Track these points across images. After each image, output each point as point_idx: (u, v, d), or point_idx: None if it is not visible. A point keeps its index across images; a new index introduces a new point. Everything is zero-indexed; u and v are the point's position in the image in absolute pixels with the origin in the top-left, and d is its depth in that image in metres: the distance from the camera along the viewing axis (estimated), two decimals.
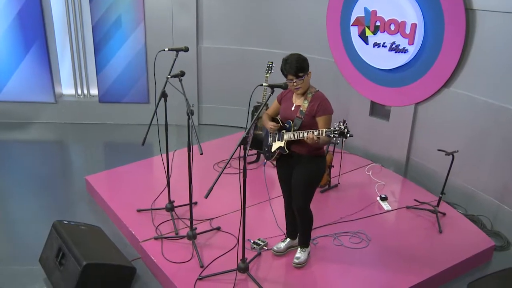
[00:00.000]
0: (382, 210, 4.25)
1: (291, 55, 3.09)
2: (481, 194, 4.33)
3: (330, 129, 2.83)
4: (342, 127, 2.78)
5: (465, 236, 3.92)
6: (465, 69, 4.29)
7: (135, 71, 6.24)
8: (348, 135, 2.78)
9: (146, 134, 3.77)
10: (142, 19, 5.99)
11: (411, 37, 4.49)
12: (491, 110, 4.13)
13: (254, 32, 5.99)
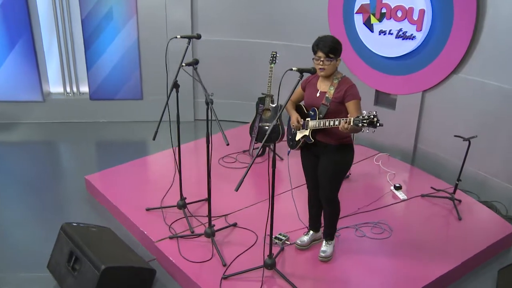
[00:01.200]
0: (397, 199, 4.17)
1: (327, 35, 2.97)
2: (494, 180, 4.30)
3: (358, 118, 2.69)
4: (372, 116, 2.65)
5: (484, 222, 3.88)
6: (476, 54, 4.25)
7: (127, 66, 6.00)
8: (378, 125, 2.65)
9: (157, 128, 3.57)
10: (135, 11, 5.76)
11: (419, 23, 4.42)
12: (504, 94, 4.09)
13: (251, 24, 5.83)
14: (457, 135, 3.92)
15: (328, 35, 3.00)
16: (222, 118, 6.48)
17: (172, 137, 5.99)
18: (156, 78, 6.09)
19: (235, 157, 4.98)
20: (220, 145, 3.58)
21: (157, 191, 4.19)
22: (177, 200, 3.93)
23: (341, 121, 2.78)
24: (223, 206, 3.96)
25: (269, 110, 4.87)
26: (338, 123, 2.80)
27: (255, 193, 4.22)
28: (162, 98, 6.09)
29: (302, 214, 3.71)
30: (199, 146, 5.32)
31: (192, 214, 3.85)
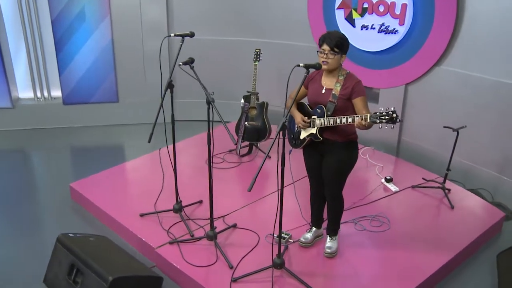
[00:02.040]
0: (390, 192, 4.22)
1: (335, 30, 2.96)
2: (479, 168, 4.43)
3: (376, 115, 2.69)
4: (390, 112, 2.65)
5: (475, 209, 3.99)
6: (457, 47, 4.36)
7: (102, 68, 5.78)
8: (397, 121, 2.65)
9: (152, 130, 3.45)
10: (108, 11, 5.56)
11: (402, 18, 4.50)
12: (486, 85, 4.22)
13: (229, 21, 5.75)
14: (446, 126, 4.01)
15: (336, 31, 3.00)
16: (198, 118, 6.38)
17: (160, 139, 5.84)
18: (132, 79, 5.93)
19: (222, 157, 4.91)
20: (204, 146, 3.52)
21: (147, 195, 4.07)
22: (170, 204, 3.81)
23: (355, 118, 2.76)
24: (219, 208, 3.87)
25: (254, 108, 4.83)
26: (352, 120, 2.79)
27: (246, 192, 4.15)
28: (139, 100, 5.98)
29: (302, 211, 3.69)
30: (184, 147, 5.20)
31: (189, 217, 3.75)
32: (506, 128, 4.17)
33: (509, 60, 4.04)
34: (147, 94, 5.99)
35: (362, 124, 2.72)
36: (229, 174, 4.62)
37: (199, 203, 3.99)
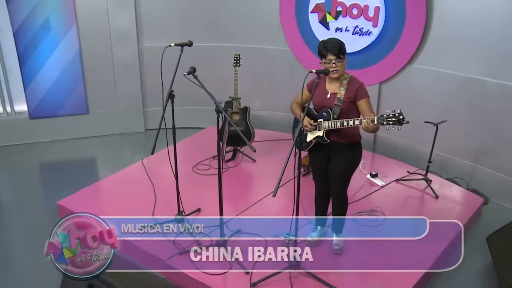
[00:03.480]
0: (377, 187, 4.41)
1: (331, 38, 3.05)
2: (453, 159, 4.74)
3: (383, 117, 2.83)
4: (397, 114, 2.80)
5: (456, 197, 4.27)
6: (428, 46, 4.63)
7: (70, 80, 5.58)
8: (404, 122, 2.81)
9: (155, 142, 3.39)
10: (74, 20, 5.37)
11: (375, 20, 4.72)
12: (456, 81, 4.52)
13: (200, 28, 5.73)
14: (427, 121, 4.26)
15: (331, 38, 3.10)
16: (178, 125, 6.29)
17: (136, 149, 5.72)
18: (102, 90, 5.77)
19: (208, 163, 4.90)
20: (187, 153, 3.54)
21: (141, 207, 4.00)
22: (167, 214, 3.74)
23: (362, 121, 2.89)
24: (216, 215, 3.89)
25: (237, 113, 4.87)
26: (359, 122, 2.91)
27: (240, 197, 4.22)
28: (110, 110, 5.82)
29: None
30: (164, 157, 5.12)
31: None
32: (477, 120, 4.49)
33: (477, 57, 4.36)
34: (118, 104, 5.86)
35: (370, 126, 2.85)
36: (214, 181, 4.61)
37: (198, 211, 3.98)
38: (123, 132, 5.99)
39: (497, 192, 4.41)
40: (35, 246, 3.80)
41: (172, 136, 3.69)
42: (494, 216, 4.23)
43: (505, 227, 3.55)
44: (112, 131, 5.92)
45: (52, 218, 4.08)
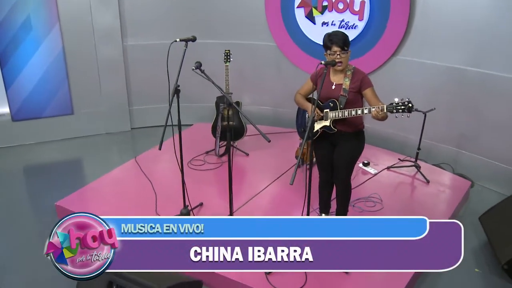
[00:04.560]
0: (370, 175, 4.57)
1: (335, 30, 3.15)
2: (438, 145, 4.96)
3: (392, 105, 2.97)
4: (406, 102, 2.94)
5: (446, 181, 4.48)
6: (411, 38, 4.83)
7: (54, 80, 5.47)
8: (413, 109, 2.95)
9: (162, 137, 3.40)
10: (57, 18, 5.26)
11: (361, 14, 4.87)
12: (439, 71, 4.74)
13: (184, 24, 5.72)
14: (417, 109, 4.43)
15: (336, 30, 3.21)
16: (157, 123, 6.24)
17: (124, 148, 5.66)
18: (87, 89, 5.68)
19: (202, 159, 4.93)
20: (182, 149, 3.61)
21: (142, 205, 4.03)
22: (169, 210, 3.83)
23: (371, 110, 3.01)
24: (221, 208, 3.95)
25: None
26: (368, 111, 3.03)
27: (239, 191, 4.26)
28: (95, 110, 5.74)
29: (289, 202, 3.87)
30: (157, 154, 5.10)
31: None
32: (459, 108, 4.72)
33: (458, 48, 4.58)
34: (103, 103, 5.79)
35: (380, 114, 2.98)
36: (214, 175, 4.67)
37: (200, 205, 4.01)
38: (109, 131, 5.92)
39: (481, 175, 4.65)
40: (31, 249, 3.78)
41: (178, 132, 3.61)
42: (480, 198, 4.47)
43: (495, 207, 3.77)
44: (98, 131, 5.84)
45: (41, 223, 4.08)
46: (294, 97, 3.51)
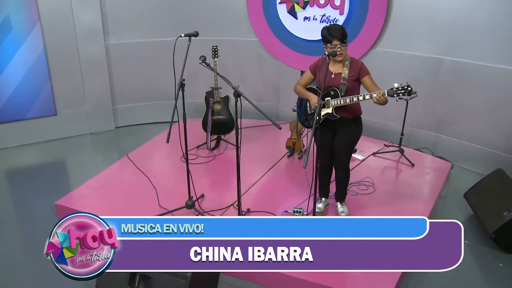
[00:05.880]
0: (358, 161, 4.80)
1: (333, 24, 3.33)
2: (418, 131, 5.25)
3: (393, 90, 3.18)
4: (405, 86, 3.16)
5: (429, 164, 4.77)
6: (389, 30, 5.09)
7: (36, 81, 5.38)
8: (413, 93, 3.16)
9: (170, 130, 3.46)
10: (37, 18, 5.19)
11: (341, 8, 5.09)
12: (417, 60, 5.02)
13: (167, 22, 5.76)
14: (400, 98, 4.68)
15: (334, 24, 3.40)
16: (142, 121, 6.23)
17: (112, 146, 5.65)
18: (70, 90, 5.63)
19: (195, 153, 5.01)
20: (169, 146, 3.70)
21: (144, 200, 4.10)
22: (171, 203, 3.94)
23: (372, 95, 3.21)
24: (223, 199, 4.07)
25: (219, 102, 5.02)
26: (370, 97, 3.23)
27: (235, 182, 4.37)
28: (79, 110, 5.70)
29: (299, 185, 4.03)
30: (150, 150, 5.16)
31: (204, 210, 3.87)
32: (437, 95, 5.02)
33: (434, 39, 4.87)
34: (87, 103, 5.76)
35: (381, 99, 3.19)
36: (209, 168, 4.77)
37: (202, 197, 4.10)
38: (93, 131, 5.88)
39: (459, 157, 4.97)
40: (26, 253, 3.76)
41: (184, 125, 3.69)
42: (459, 177, 4.78)
43: (478, 184, 4.07)
44: (82, 131, 5.80)
45: (31, 227, 4.05)
46: (294, 88, 3.66)
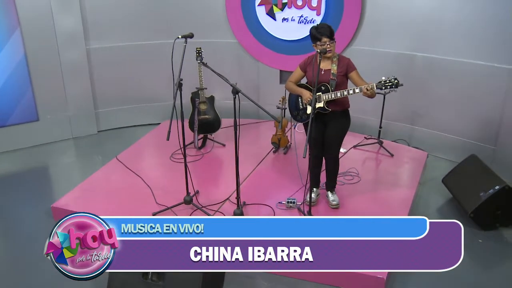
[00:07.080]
0: (340, 154, 5.01)
1: (321, 23, 3.55)
2: (393, 124, 5.54)
3: (381, 83, 3.42)
4: (392, 79, 3.40)
5: (407, 154, 5.07)
6: (364, 29, 5.37)
7: (17, 87, 5.35)
8: (400, 85, 3.41)
9: (170, 128, 3.57)
10: (17, 24, 5.16)
11: (318, 9, 5.33)
12: (390, 57, 5.32)
13: (147, 25, 5.83)
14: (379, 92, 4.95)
15: (321, 23, 3.62)
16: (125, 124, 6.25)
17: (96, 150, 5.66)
18: (52, 95, 5.61)
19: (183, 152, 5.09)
20: (156, 147, 3.82)
21: (140, 200, 4.18)
22: (168, 200, 4.06)
23: (362, 88, 3.44)
24: (218, 194, 4.21)
25: (205, 102, 5.14)
26: (359, 90, 3.46)
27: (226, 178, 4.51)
28: (61, 115, 5.68)
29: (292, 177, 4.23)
30: (137, 152, 5.22)
31: (202, 205, 3.99)
32: (410, 89, 5.29)
33: (405, 36, 5.19)
34: (69, 108, 5.76)
35: (369, 92, 3.42)
36: (198, 166, 4.88)
37: (197, 193, 4.22)
38: (76, 136, 5.88)
39: (433, 147, 5.29)
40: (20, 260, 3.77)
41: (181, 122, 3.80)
42: (434, 166, 5.09)
43: (455, 169, 4.39)
44: (64, 136, 5.79)
45: (18, 237, 4.05)
46: (285, 85, 3.85)
